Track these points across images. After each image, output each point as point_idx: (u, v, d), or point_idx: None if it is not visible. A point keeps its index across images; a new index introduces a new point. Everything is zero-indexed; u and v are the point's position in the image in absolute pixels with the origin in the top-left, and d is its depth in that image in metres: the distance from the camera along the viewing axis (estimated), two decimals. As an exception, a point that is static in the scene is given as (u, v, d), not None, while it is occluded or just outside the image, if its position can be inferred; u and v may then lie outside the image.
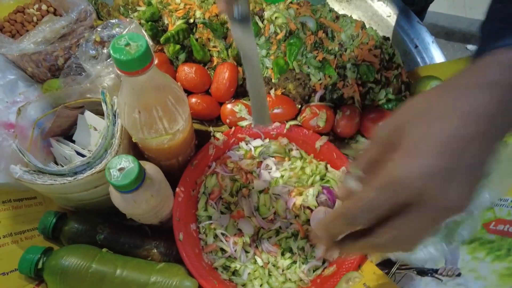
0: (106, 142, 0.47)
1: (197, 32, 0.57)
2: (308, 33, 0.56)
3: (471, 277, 0.37)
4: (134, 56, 0.36)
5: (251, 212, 0.56)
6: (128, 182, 0.39)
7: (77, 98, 0.52)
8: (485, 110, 0.27)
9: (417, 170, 0.26)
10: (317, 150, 0.57)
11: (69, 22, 0.55)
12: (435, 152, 0.27)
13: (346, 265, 0.50)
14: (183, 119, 0.45)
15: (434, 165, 0.26)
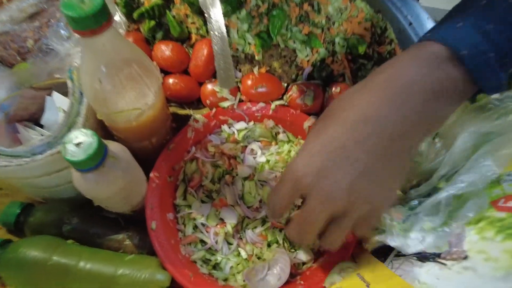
0: (70, 120, 0.43)
1: (174, 8, 0.54)
2: (292, 5, 0.52)
3: (480, 258, 0.32)
4: (88, 12, 0.32)
5: (235, 200, 0.51)
6: (85, 158, 0.35)
7: (45, 79, 0.49)
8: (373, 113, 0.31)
9: (302, 165, 0.32)
10: (306, 131, 0.53)
11: (38, 0, 0.52)
12: (325, 143, 0.32)
13: (338, 255, 0.45)
14: (151, 92, 0.41)
15: (312, 162, 0.32)
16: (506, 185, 0.38)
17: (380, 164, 0.31)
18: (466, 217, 0.35)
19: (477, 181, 0.35)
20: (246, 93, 0.53)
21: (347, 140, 0.31)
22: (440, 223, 0.36)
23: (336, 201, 0.31)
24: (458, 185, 0.36)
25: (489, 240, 0.33)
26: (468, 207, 0.35)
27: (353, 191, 0.31)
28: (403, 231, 0.36)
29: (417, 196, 0.40)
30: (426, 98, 0.30)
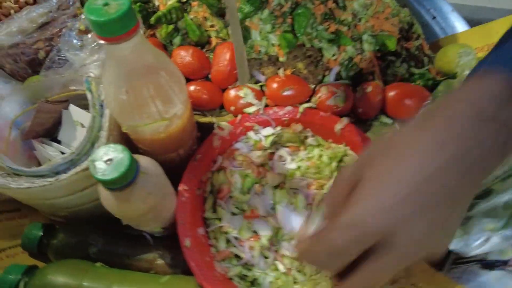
0: (92, 135, 0.40)
1: (191, 11, 0.51)
2: (316, 2, 0.49)
3: (556, 263, 0.29)
4: (114, 16, 0.29)
5: (267, 210, 0.48)
6: (117, 176, 0.32)
7: (60, 91, 0.46)
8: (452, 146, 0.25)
9: (380, 209, 0.25)
10: (337, 134, 0.50)
11: (49, 9, 0.49)
12: (396, 191, 0.25)
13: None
14: (180, 100, 0.38)
15: (396, 204, 0.25)
16: None
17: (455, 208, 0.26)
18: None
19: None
20: (272, 97, 0.51)
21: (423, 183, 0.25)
22: (502, 225, 0.34)
23: (413, 258, 0.26)
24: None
25: None
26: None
27: (429, 242, 0.26)
28: (462, 232, 0.34)
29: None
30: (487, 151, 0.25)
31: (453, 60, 0.50)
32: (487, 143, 0.25)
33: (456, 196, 0.26)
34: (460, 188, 0.25)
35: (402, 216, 0.25)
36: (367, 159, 0.29)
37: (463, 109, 0.26)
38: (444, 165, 0.25)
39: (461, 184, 0.25)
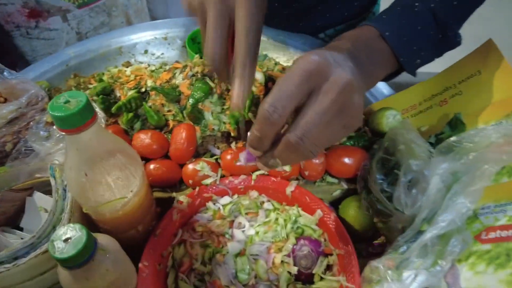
0: (54, 218, 0.42)
1: (150, 99, 0.58)
2: (257, 85, 0.57)
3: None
4: (74, 111, 0.34)
5: (229, 280, 0.49)
6: (75, 253, 0.34)
7: (25, 179, 0.49)
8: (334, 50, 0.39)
9: (317, 58, 0.35)
10: (289, 197, 0.54)
11: (18, 106, 0.54)
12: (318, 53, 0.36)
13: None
14: (136, 178, 0.42)
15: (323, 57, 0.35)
16: (483, 218, 0.40)
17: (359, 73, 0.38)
18: (452, 253, 0.36)
19: (455, 219, 0.38)
20: (226, 168, 0.55)
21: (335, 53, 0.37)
22: (431, 263, 0.37)
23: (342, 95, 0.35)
24: (439, 225, 0.38)
25: (482, 274, 0.34)
26: (452, 243, 0.37)
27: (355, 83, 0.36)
28: (397, 276, 0.37)
29: (404, 242, 0.41)
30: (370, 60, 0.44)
31: (383, 122, 0.58)
32: (361, 52, 0.43)
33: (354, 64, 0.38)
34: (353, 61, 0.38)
35: (333, 60, 0.35)
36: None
37: (348, 37, 0.46)
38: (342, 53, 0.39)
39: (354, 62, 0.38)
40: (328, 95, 0.34)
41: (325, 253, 0.50)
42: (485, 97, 0.51)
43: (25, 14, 0.99)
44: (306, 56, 0.35)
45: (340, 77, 0.34)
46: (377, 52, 0.47)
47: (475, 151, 0.38)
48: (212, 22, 0.40)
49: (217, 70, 0.42)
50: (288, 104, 0.34)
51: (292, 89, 0.34)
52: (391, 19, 0.49)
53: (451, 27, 0.50)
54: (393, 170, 0.50)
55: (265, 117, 0.34)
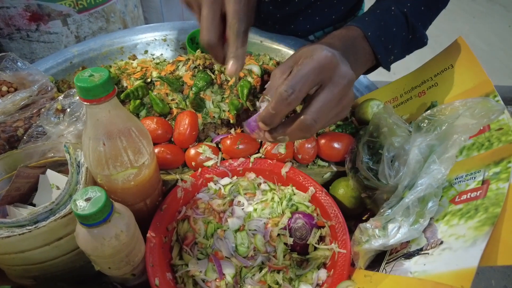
0: (70, 188, 0.46)
1: (155, 89, 0.62)
2: (255, 76, 0.63)
3: (452, 239, 0.38)
4: (98, 83, 0.38)
5: (230, 253, 0.53)
6: (96, 210, 0.38)
7: (39, 159, 0.52)
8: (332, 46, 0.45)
9: (330, 53, 0.41)
10: (284, 177, 0.59)
11: (30, 94, 0.58)
12: (329, 49, 0.42)
13: (336, 279, 0.48)
14: (147, 152, 0.46)
15: (333, 54, 0.41)
16: (456, 186, 0.46)
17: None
18: (431, 212, 0.41)
19: (432, 183, 0.43)
20: (226, 152, 0.60)
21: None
22: (412, 221, 0.42)
23: (346, 86, 0.42)
24: (419, 188, 0.43)
25: (455, 225, 0.39)
26: (430, 205, 0.42)
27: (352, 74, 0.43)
28: (383, 233, 0.42)
29: (389, 208, 0.46)
30: (355, 58, 0.51)
31: (367, 111, 0.64)
32: (348, 51, 0.50)
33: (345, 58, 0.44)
34: (346, 55, 0.45)
35: (339, 56, 0.41)
36: (296, 57, 0.43)
37: (338, 36, 0.52)
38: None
39: (347, 54, 0.46)
40: (338, 86, 0.41)
41: (318, 225, 0.55)
42: (458, 86, 0.57)
43: (27, 18, 1.03)
44: (319, 49, 0.41)
45: (347, 72, 0.42)
46: (361, 51, 0.53)
47: (447, 123, 0.44)
48: (206, 12, 0.45)
49: (213, 53, 0.47)
50: (304, 88, 0.40)
51: (308, 76, 0.40)
52: (372, 20, 0.55)
53: (419, 29, 0.57)
54: (378, 151, 0.56)
55: (283, 98, 0.40)
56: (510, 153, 0.42)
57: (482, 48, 2.82)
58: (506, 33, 3.01)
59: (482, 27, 3.07)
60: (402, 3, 0.56)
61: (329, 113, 0.42)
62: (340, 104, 0.43)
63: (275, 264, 0.52)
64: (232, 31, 0.45)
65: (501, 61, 2.70)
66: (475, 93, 0.54)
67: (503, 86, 2.20)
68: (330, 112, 0.42)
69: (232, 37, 0.45)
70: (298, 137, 0.45)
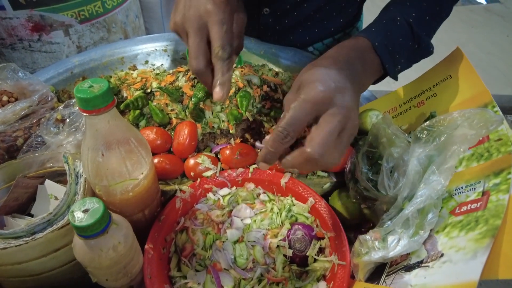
0: (69, 199, 0.45)
1: (154, 99, 0.63)
2: (254, 87, 0.63)
3: (452, 251, 0.37)
4: (97, 93, 0.38)
5: (229, 264, 0.53)
6: (93, 221, 0.38)
7: (37, 169, 0.52)
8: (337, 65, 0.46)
9: (322, 88, 0.41)
10: (283, 187, 0.59)
11: (30, 104, 0.58)
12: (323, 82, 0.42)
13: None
14: (146, 162, 0.46)
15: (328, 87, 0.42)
16: (456, 197, 0.46)
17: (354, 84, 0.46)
18: (431, 224, 0.41)
19: (431, 194, 0.43)
20: (225, 162, 0.60)
21: (336, 76, 0.44)
22: (412, 233, 0.42)
23: (349, 116, 0.42)
24: (418, 200, 0.43)
25: (456, 237, 0.39)
26: (430, 216, 0.42)
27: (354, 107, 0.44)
28: (383, 245, 0.42)
29: (389, 219, 0.46)
30: (364, 70, 0.50)
31: (366, 121, 0.64)
32: (357, 62, 0.49)
33: (353, 84, 0.45)
34: (350, 77, 0.45)
35: (335, 87, 0.42)
36: (301, 80, 0.44)
37: (347, 47, 0.52)
38: (342, 68, 0.45)
39: (351, 75, 0.45)
40: (336, 118, 0.41)
41: (318, 237, 0.54)
42: (456, 96, 0.57)
43: (29, 28, 1.04)
44: (313, 85, 0.42)
45: (342, 104, 0.42)
46: (370, 62, 0.53)
47: (445, 133, 0.44)
48: (192, 39, 0.48)
49: (202, 79, 0.50)
50: (299, 128, 0.42)
51: (302, 116, 0.41)
52: (379, 31, 0.56)
53: (424, 38, 0.57)
54: (377, 161, 0.56)
55: (279, 138, 0.43)
56: (510, 164, 0.42)
57: (481, 57, 2.84)
58: (504, 43, 3.04)
59: (480, 37, 3.10)
60: (407, 13, 0.56)
61: (337, 142, 0.42)
62: (346, 129, 0.43)
63: (274, 276, 0.52)
64: (217, 58, 0.47)
65: (500, 70, 2.72)
66: (474, 103, 0.54)
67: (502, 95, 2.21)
68: (338, 141, 0.42)
69: (217, 64, 0.48)
70: (310, 169, 0.46)
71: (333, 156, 0.42)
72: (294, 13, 0.78)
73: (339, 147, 0.42)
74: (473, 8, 3.54)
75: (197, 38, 0.47)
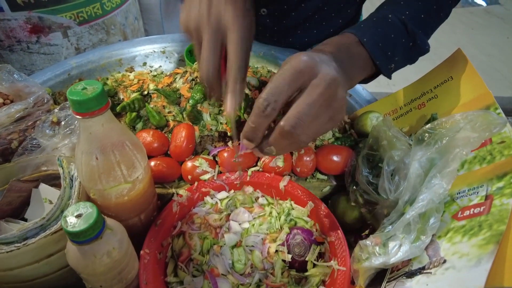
0: (62, 203, 0.44)
1: (152, 101, 0.62)
2: (252, 89, 0.62)
3: (455, 257, 0.36)
4: (90, 96, 0.38)
5: (226, 270, 0.52)
6: (87, 227, 0.37)
7: (32, 172, 0.51)
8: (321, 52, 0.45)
9: (306, 58, 0.39)
10: (282, 191, 0.58)
11: (25, 106, 0.57)
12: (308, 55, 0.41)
13: (335, 298, 0.46)
14: (142, 166, 0.45)
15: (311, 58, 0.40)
16: (459, 201, 0.45)
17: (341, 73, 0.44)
18: (432, 229, 0.40)
19: (433, 198, 0.42)
20: (223, 165, 0.59)
21: (322, 55, 0.43)
22: (413, 238, 0.41)
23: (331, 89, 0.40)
24: (420, 204, 0.42)
25: (459, 243, 0.38)
26: (432, 221, 0.41)
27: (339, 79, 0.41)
28: (383, 251, 0.40)
29: (389, 224, 0.45)
30: (351, 63, 0.49)
31: (366, 123, 0.63)
32: (343, 55, 0.48)
33: (338, 66, 0.44)
34: (337, 63, 0.44)
35: (319, 60, 0.40)
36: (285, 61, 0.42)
37: (332, 42, 0.51)
38: (327, 55, 0.44)
39: (337, 62, 0.44)
40: (317, 89, 0.39)
41: (317, 241, 0.53)
42: (458, 98, 0.56)
43: (27, 30, 1.04)
44: (296, 56, 0.40)
45: (326, 73, 0.40)
46: (357, 56, 0.52)
47: (447, 136, 0.43)
48: (207, 44, 0.45)
49: (211, 86, 0.47)
50: (280, 98, 0.39)
51: (283, 85, 0.39)
52: (368, 27, 0.55)
53: (420, 36, 0.56)
54: (378, 164, 0.55)
55: (260, 110, 0.39)
56: (513, 168, 0.41)
57: (481, 59, 2.83)
58: (505, 45, 3.03)
59: (480, 39, 3.10)
60: (400, 11, 0.55)
61: (314, 118, 0.39)
62: (329, 107, 0.40)
63: (273, 282, 0.51)
64: (232, 79, 0.44)
65: (500, 72, 2.71)
66: (475, 105, 0.53)
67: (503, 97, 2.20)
68: (315, 117, 0.39)
69: (231, 84, 0.44)
70: (285, 147, 0.42)
71: (307, 133, 0.39)
72: (292, 14, 0.78)
73: (316, 124, 0.40)
74: (473, 10, 3.54)
75: (213, 49, 0.44)
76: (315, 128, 0.41)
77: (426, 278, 0.37)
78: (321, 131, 0.42)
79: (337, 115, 0.42)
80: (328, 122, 0.42)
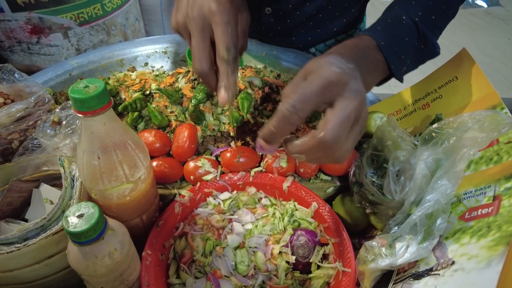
0: (64, 203, 0.44)
1: (154, 101, 0.61)
2: (255, 89, 0.62)
3: (464, 259, 0.36)
4: (93, 94, 0.37)
5: (229, 271, 0.51)
6: (88, 227, 0.36)
7: (32, 172, 0.50)
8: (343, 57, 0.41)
9: (337, 69, 0.38)
10: (285, 192, 0.57)
11: (26, 106, 0.57)
12: (336, 64, 0.39)
13: (340, 301, 0.45)
14: (143, 166, 0.45)
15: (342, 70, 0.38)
16: (465, 202, 0.44)
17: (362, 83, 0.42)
18: (439, 229, 0.39)
19: (440, 198, 0.41)
20: (226, 165, 0.58)
21: (347, 63, 0.40)
22: (420, 239, 0.40)
23: (359, 101, 0.38)
24: (426, 205, 0.41)
25: (467, 244, 0.37)
26: (439, 222, 0.40)
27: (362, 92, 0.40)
28: (390, 252, 0.40)
29: (395, 224, 0.44)
30: (368, 71, 0.47)
31: (370, 124, 0.63)
32: (360, 60, 0.45)
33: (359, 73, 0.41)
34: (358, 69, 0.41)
35: (349, 71, 0.38)
36: (308, 69, 0.40)
37: (350, 45, 0.49)
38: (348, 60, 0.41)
39: (357, 69, 0.41)
40: (353, 101, 0.37)
41: (321, 243, 0.52)
42: (463, 98, 0.56)
43: (28, 30, 1.03)
44: (325, 65, 0.39)
45: (359, 88, 0.39)
46: (374, 62, 0.51)
47: (455, 136, 0.42)
48: (196, 41, 0.45)
49: (206, 81, 0.47)
50: (308, 107, 0.37)
51: (313, 94, 0.37)
52: (384, 30, 0.53)
53: (431, 38, 0.55)
54: (382, 165, 0.54)
55: (284, 116, 0.38)
56: (521, 168, 0.40)
57: (483, 60, 2.83)
58: (506, 46, 3.03)
59: (481, 40, 3.10)
60: (413, 11, 0.54)
61: (350, 131, 0.38)
62: (359, 120, 0.39)
63: (277, 284, 0.50)
64: (221, 60, 0.44)
65: (502, 74, 2.71)
66: (481, 105, 0.52)
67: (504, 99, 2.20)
68: (351, 130, 0.38)
69: (221, 66, 0.45)
70: (318, 159, 0.40)
71: (345, 147, 0.38)
72: (296, 13, 0.77)
73: (351, 138, 0.38)
74: (474, 11, 3.54)
75: (201, 39, 0.45)
76: (351, 141, 0.39)
77: (434, 280, 0.36)
78: (354, 144, 0.40)
79: (363, 128, 0.41)
80: (358, 135, 0.40)
